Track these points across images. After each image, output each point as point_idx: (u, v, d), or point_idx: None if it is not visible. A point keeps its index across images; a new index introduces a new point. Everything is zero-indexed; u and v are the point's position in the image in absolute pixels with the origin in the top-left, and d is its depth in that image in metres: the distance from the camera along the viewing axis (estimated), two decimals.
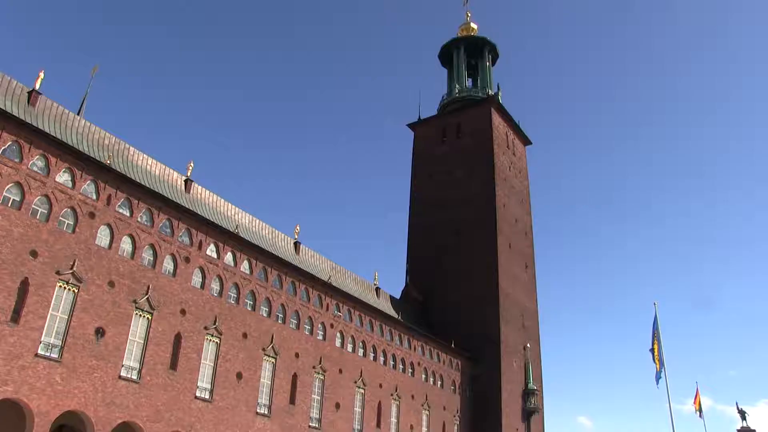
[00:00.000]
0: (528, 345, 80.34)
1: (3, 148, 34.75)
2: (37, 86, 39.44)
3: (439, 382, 67.53)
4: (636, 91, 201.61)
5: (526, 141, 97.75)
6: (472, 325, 74.44)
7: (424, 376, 65.10)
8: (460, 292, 77.60)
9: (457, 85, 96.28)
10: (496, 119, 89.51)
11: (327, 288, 54.39)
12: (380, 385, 58.24)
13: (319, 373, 51.80)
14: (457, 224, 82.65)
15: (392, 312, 65.50)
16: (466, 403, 71.41)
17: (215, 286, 45.07)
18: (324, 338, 53.23)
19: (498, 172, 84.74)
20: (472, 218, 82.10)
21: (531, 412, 76.53)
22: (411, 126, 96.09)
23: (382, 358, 59.57)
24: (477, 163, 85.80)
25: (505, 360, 74.01)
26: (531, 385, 77.64)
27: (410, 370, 63.13)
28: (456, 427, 68.56)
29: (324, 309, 53.84)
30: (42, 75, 39.69)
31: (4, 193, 34.42)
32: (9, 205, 34.53)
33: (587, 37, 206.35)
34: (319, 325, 53.16)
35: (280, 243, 54.89)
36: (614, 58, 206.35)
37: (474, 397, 72.54)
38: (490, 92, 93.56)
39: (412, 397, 62.31)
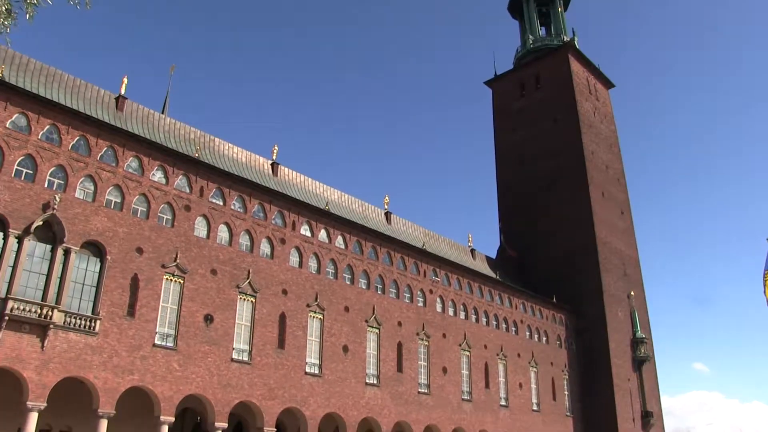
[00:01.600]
0: (632, 293, 78.66)
1: (100, 154, 36.65)
2: (123, 91, 41.26)
3: (544, 338, 67.19)
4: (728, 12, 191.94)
5: (608, 84, 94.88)
6: (572, 278, 73.53)
7: (528, 333, 64.88)
8: (556, 245, 76.65)
9: (530, 36, 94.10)
10: (575, 65, 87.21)
11: (422, 255, 54.81)
12: (485, 346, 58.47)
13: (423, 340, 52.44)
14: (546, 177, 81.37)
15: (490, 272, 65.47)
16: (574, 357, 70.82)
17: (313, 263, 46.17)
18: (424, 304, 53.78)
19: (582, 120, 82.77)
20: (560, 169, 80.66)
21: (642, 361, 75.22)
22: (488, 83, 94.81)
23: (484, 319, 59.72)
24: (560, 113, 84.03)
25: (610, 310, 72.81)
26: (639, 334, 76.19)
27: (514, 329, 63.06)
28: (565, 382, 68.20)
29: (421, 276, 54.33)
30: (126, 80, 41.51)
31: (107, 197, 36.34)
32: (112, 207, 36.49)
33: None
34: (419, 292, 53.70)
35: (371, 215, 55.58)
36: None
37: (581, 351, 71.83)
38: (565, 39, 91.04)
39: (518, 355, 62.28)
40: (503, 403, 58.54)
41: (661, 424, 76.76)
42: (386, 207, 58.37)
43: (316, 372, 43.71)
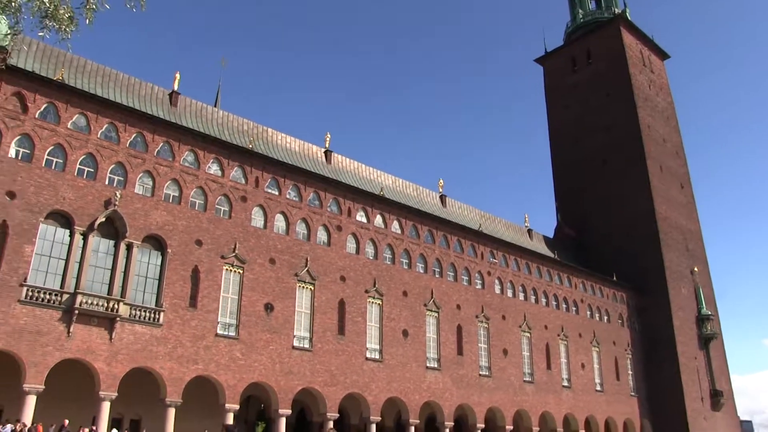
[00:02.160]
0: (695, 269, 76.82)
1: (157, 149, 37.46)
2: (176, 87, 41.93)
3: (606, 318, 66.20)
4: None
5: (663, 55, 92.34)
6: (633, 255, 72.15)
7: (589, 312, 64.03)
8: (615, 222, 75.26)
9: (580, 10, 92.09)
10: (628, 38, 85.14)
11: (479, 237, 54.56)
12: (545, 327, 57.98)
13: (482, 322, 52.28)
14: (602, 152, 79.86)
15: (548, 252, 64.77)
16: (636, 336, 69.56)
17: (370, 249, 46.40)
18: (483, 287, 53.56)
19: (637, 93, 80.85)
20: (616, 144, 79.05)
21: (708, 338, 73.50)
22: (539, 61, 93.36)
23: (543, 300, 59.20)
24: (613, 87, 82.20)
25: (672, 287, 71.27)
26: (704, 311, 74.43)
27: (574, 308, 62.34)
28: (629, 362, 67.10)
29: (479, 258, 54.09)
30: (178, 76, 42.17)
31: (165, 191, 37.16)
32: (170, 201, 37.33)
33: None
34: (476, 275, 53.50)
35: (426, 199, 55.46)
36: None
37: (644, 329, 70.44)
38: (616, 11, 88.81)
39: (580, 335, 61.56)
40: (565, 384, 58.04)
41: (732, 404, 74.95)
42: (441, 190, 58.16)
43: (377, 357, 44.00)
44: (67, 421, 29.99)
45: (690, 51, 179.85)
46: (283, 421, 38.81)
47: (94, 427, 31.07)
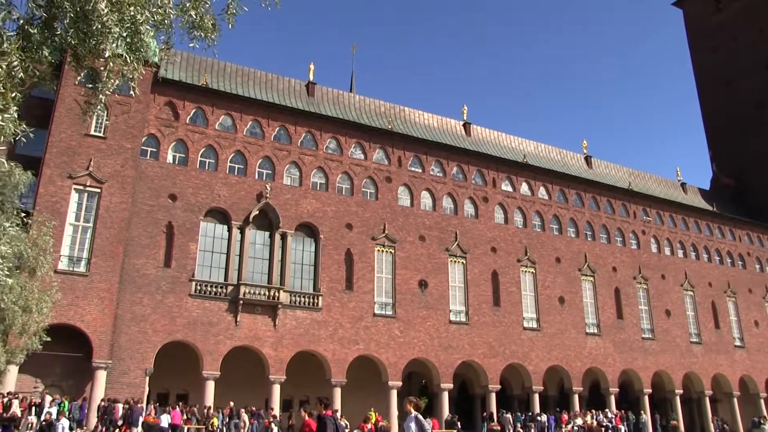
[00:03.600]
0: None
1: (300, 140, 38.82)
2: (311, 78, 43.00)
3: None
4: None
5: None
6: None
7: (758, 266, 59.99)
8: None
9: None
10: None
11: (629, 195, 52.45)
12: (709, 284, 54.94)
13: (641, 283, 50.35)
14: (757, 93, 74.26)
15: (705, 205, 61.16)
16: None
17: (518, 218, 45.84)
18: (638, 246, 51.55)
19: None
20: None
21: None
22: (676, 4, 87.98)
23: (705, 255, 56.10)
24: (766, 20, 76.11)
25: None
26: None
27: (740, 263, 58.67)
28: None
29: (631, 217, 52.08)
30: (312, 67, 43.24)
31: (312, 179, 38.46)
32: (318, 188, 38.61)
33: None
34: (630, 234, 51.55)
35: (570, 162, 53.87)
36: None
37: None
38: None
39: (750, 290, 57.81)
40: (738, 343, 54.75)
41: None
42: (585, 151, 56.28)
43: (535, 326, 43.50)
44: (232, 403, 31.90)
45: None
46: (445, 396, 39.28)
47: (271, 409, 32.74)
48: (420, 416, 10.50)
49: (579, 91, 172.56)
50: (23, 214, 17.75)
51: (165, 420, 28.71)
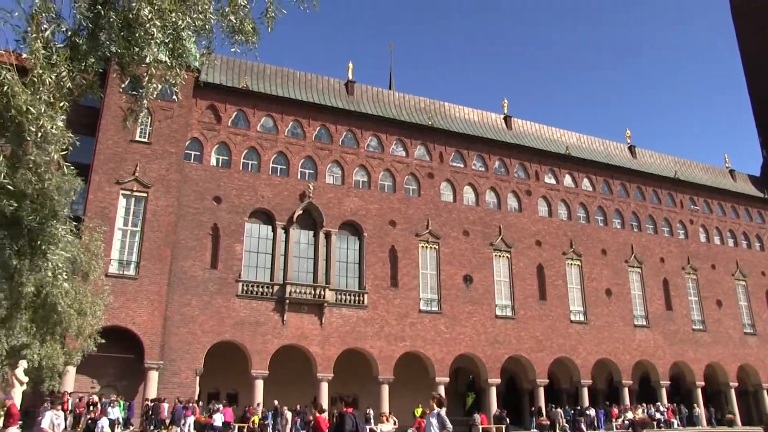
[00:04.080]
0: None
1: (341, 139, 39.09)
2: (350, 77, 43.10)
3: None
4: None
5: None
6: None
7: None
8: None
9: None
10: None
11: (675, 184, 51.45)
12: (762, 273, 53.53)
13: (689, 273, 49.39)
14: None
15: (755, 192, 59.61)
16: None
17: (562, 210, 45.40)
18: (686, 236, 50.58)
19: None
20: None
21: None
22: None
23: (757, 244, 54.70)
24: None
25: None
26: None
27: None
28: None
29: (678, 207, 51.12)
30: (351, 65, 43.35)
31: (354, 177, 38.69)
32: (360, 186, 38.79)
33: None
34: (678, 224, 50.58)
35: (614, 152, 52.99)
36: None
37: None
38: None
39: None
40: None
41: None
42: (629, 141, 55.33)
43: (582, 319, 43.06)
44: (276, 402, 32.32)
45: None
46: (493, 391, 39.18)
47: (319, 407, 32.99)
48: (443, 412, 10.65)
49: (622, 79, 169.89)
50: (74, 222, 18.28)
51: (219, 419, 29.31)
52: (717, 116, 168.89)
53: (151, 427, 28.40)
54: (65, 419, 17.97)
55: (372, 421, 33.60)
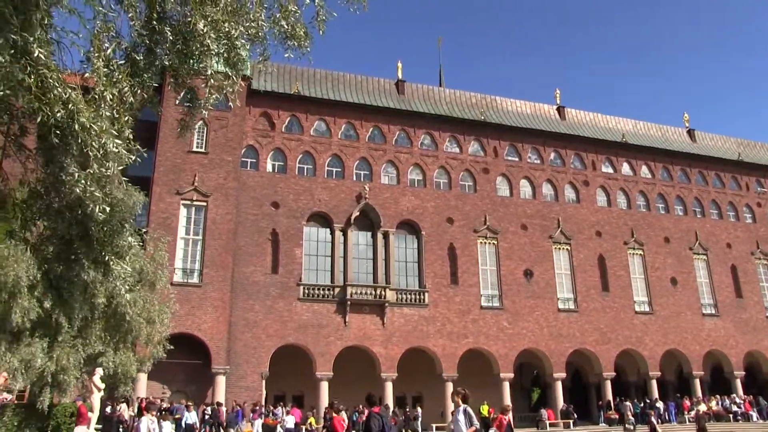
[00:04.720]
0: None
1: (394, 138, 39.21)
2: (400, 76, 43.12)
3: None
4: None
5: None
6: None
7: None
8: None
9: None
10: None
11: (739, 167, 49.82)
12: None
13: (759, 259, 47.84)
14: None
15: None
16: None
17: (621, 199, 44.60)
18: (754, 220, 49.05)
19: None
20: None
21: None
22: None
23: None
24: None
25: None
26: None
27: None
28: None
29: (743, 190, 49.52)
30: (400, 65, 43.38)
31: (409, 176, 38.82)
32: (416, 185, 38.92)
33: None
34: (744, 208, 49.08)
35: (672, 137, 51.67)
36: None
37: None
38: None
39: None
40: None
41: None
42: (687, 125, 53.91)
43: (647, 309, 42.22)
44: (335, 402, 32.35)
45: None
46: (559, 385, 38.73)
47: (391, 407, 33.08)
48: (469, 408, 10.55)
49: (678, 62, 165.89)
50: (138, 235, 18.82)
51: (291, 421, 29.64)
52: None
53: (208, 430, 28.76)
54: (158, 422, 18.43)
55: (419, 420, 33.89)
